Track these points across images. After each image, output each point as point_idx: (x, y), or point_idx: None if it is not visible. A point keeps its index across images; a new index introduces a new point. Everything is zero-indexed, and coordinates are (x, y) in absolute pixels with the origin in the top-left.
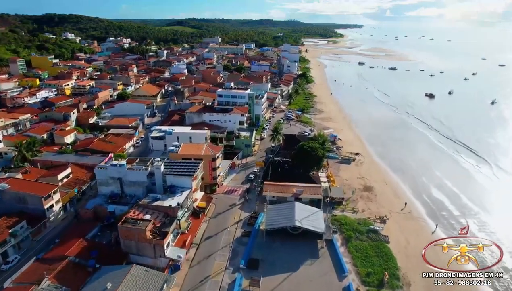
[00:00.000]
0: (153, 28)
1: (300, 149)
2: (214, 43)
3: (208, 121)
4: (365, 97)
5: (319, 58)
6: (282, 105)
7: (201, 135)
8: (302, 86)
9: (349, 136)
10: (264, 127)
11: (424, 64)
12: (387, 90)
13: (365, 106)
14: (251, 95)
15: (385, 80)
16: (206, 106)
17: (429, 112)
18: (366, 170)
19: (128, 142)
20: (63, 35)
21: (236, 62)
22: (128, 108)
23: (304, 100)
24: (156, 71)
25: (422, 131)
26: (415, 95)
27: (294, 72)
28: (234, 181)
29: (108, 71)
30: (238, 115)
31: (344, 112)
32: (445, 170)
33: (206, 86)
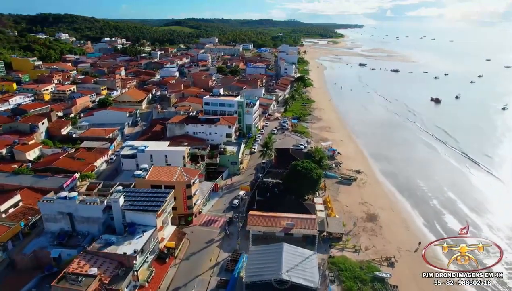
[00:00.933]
0: (150, 28)
1: (293, 170)
2: (211, 43)
3: (191, 134)
4: (366, 103)
5: (318, 59)
6: (277, 112)
7: (178, 153)
8: (299, 91)
9: (350, 150)
10: (255, 139)
11: (427, 66)
12: (390, 95)
13: (367, 114)
14: (241, 103)
15: (387, 83)
16: (190, 117)
17: (436, 120)
18: (369, 192)
19: (100, 158)
20: (56, 35)
21: (232, 64)
22: (108, 116)
23: (301, 106)
24: (146, 74)
25: (430, 143)
26: (420, 100)
27: (292, 75)
28: (216, 207)
29: (95, 74)
30: (225, 127)
31: (344, 120)
32: (458, 191)
33: (196, 91)
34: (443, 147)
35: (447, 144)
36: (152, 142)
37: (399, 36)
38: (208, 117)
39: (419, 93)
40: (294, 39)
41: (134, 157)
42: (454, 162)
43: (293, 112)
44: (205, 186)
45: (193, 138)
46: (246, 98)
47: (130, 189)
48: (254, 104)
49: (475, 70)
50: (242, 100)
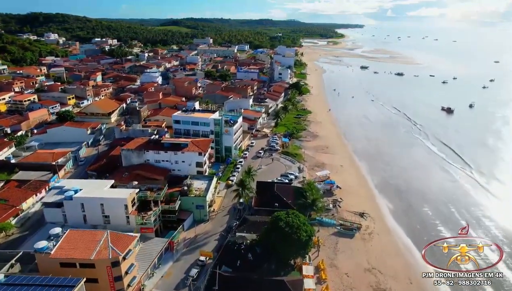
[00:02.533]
0: (144, 29)
1: (274, 226)
2: (205, 44)
3: (153, 162)
4: (370, 113)
5: (317, 61)
6: (266, 127)
7: (118, 202)
8: (293, 101)
9: (352, 179)
10: (236, 165)
11: (433, 69)
12: (395, 103)
13: (370, 128)
14: (217, 121)
15: (392, 89)
16: (151, 141)
17: (451, 137)
18: (378, 248)
19: (33, 196)
20: (45, 36)
21: (222, 68)
22: (65, 134)
23: (295, 119)
24: (126, 79)
25: (447, 169)
26: (430, 109)
27: (287, 80)
28: (167, 278)
29: (69, 80)
30: (194, 154)
31: (345, 137)
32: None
33: (175, 100)
34: (461, 174)
35: (471, 174)
36: (92, 182)
37: (401, 36)
38: (174, 142)
39: (428, 101)
40: (293, 39)
41: (60, 205)
42: (483, 198)
43: (286, 127)
44: (153, 247)
45: (154, 169)
46: (229, 110)
47: (14, 276)
48: (235, 122)
49: (485, 73)
50: (219, 119)
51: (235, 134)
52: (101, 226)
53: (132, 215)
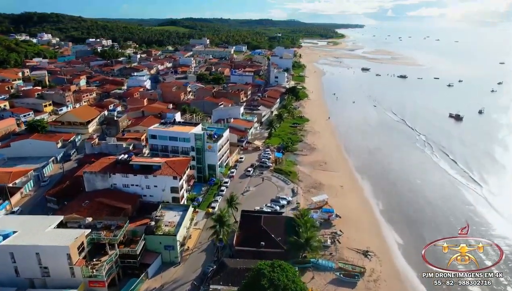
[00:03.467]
0: (141, 29)
1: (255, 282)
2: (202, 45)
3: (121, 187)
4: (373, 122)
5: (317, 62)
6: (257, 140)
7: (59, 250)
8: (289, 108)
9: (354, 205)
10: (220, 187)
11: (437, 70)
12: (401, 109)
13: (374, 140)
14: (199, 137)
15: (395, 93)
16: (119, 162)
17: (463, 148)
18: None
19: None
20: (38, 36)
21: (216, 70)
22: (31, 147)
23: (291, 128)
24: (112, 83)
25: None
26: (437, 116)
27: (283, 84)
28: None
29: (52, 84)
30: (168, 178)
31: (346, 150)
32: None
33: (160, 108)
34: (479, 199)
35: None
36: (33, 219)
37: (402, 36)
38: (145, 164)
39: (434, 106)
40: (292, 40)
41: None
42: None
43: (280, 138)
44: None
45: (121, 196)
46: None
47: None
48: (220, 136)
49: (492, 75)
50: (201, 133)
51: (220, 151)
52: (38, 280)
53: (78, 266)
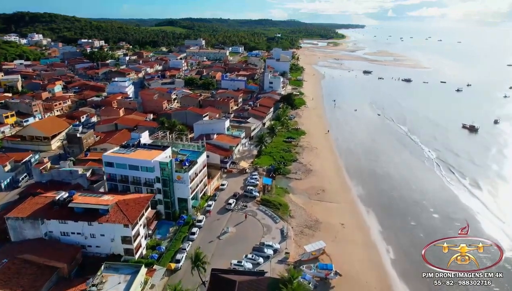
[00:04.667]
0: (136, 29)
1: None
2: (197, 46)
3: (58, 235)
4: (378, 135)
5: (316, 65)
6: (245, 159)
7: None
8: (283, 119)
9: (359, 253)
10: (192, 228)
11: (442, 73)
12: (408, 119)
13: (380, 158)
14: (164, 165)
15: (401, 99)
16: (55, 203)
17: (486, 171)
18: None
19: None
20: (29, 36)
21: (208, 74)
22: None
23: (285, 142)
24: (93, 89)
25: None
26: (449, 127)
27: (278, 90)
28: None
29: (25, 90)
30: (118, 226)
31: (347, 173)
32: None
33: (136, 120)
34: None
35: None
36: None
37: (403, 37)
38: (88, 207)
39: (445, 114)
40: (291, 40)
41: None
42: None
43: (271, 157)
44: None
45: (56, 248)
46: (198, 136)
47: None
48: (193, 163)
49: (502, 79)
50: (167, 162)
51: (193, 181)
52: None
53: None
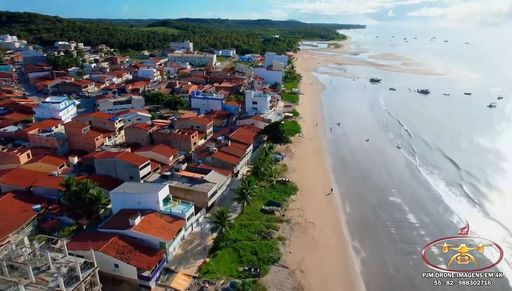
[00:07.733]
0: (124, 30)
1: None
2: (183, 49)
3: None
4: (407, 192)
5: (315, 71)
6: (188, 263)
7: None
8: (264, 169)
9: None
10: None
11: (461, 82)
12: (438, 157)
13: (415, 250)
14: None
15: (422, 119)
16: None
17: None
18: None
19: None
20: (1, 38)
21: (180, 87)
22: None
23: (263, 213)
24: (22, 111)
25: None
26: (501, 170)
27: (264, 112)
28: None
29: None
30: None
31: (367, 287)
32: None
33: (36, 175)
34: None
35: None
36: None
37: (407, 37)
38: None
39: (482, 148)
40: (289, 42)
41: None
42: None
43: (234, 250)
44: None
45: None
46: (99, 227)
47: None
48: None
49: None
50: None
51: None
52: None
53: None
